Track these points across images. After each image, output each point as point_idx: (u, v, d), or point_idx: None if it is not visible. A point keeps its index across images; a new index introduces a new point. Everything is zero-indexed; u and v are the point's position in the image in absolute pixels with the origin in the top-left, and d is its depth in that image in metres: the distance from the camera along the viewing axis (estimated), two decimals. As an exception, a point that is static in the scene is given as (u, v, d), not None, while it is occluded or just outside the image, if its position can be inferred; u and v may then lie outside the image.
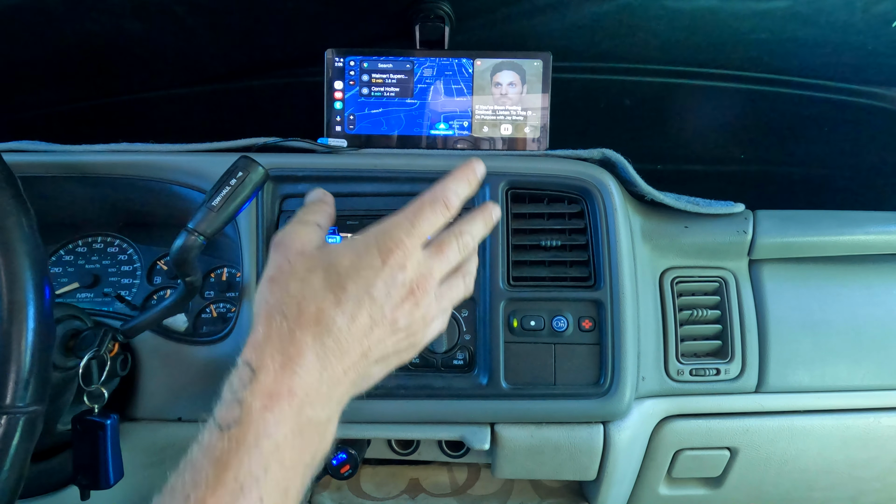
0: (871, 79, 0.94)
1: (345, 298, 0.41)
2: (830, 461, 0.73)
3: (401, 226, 0.44)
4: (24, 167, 0.67)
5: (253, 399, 0.37)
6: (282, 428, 0.37)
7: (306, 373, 0.39)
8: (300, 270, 0.42)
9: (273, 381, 0.38)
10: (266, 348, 0.39)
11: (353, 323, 0.41)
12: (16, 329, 0.43)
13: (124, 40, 0.83)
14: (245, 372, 0.39)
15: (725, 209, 0.71)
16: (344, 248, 0.43)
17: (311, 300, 0.40)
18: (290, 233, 0.45)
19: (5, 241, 0.44)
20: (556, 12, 0.81)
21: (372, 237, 0.43)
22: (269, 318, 0.40)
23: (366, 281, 0.41)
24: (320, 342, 0.40)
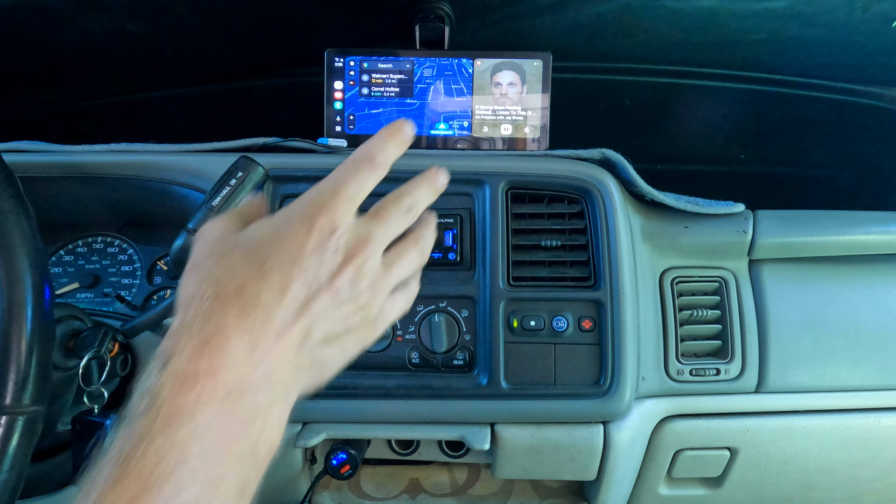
0: (872, 79, 0.94)
1: (269, 269, 0.36)
2: (830, 461, 0.73)
3: (323, 190, 0.40)
4: (25, 167, 0.67)
5: (163, 386, 0.33)
6: (202, 413, 0.32)
7: (230, 353, 0.34)
8: (218, 253, 0.38)
9: (187, 364, 0.33)
10: (181, 334, 0.35)
11: (283, 295, 0.36)
12: (16, 329, 0.43)
13: (124, 40, 0.83)
14: (156, 362, 0.34)
15: (725, 209, 0.71)
16: (264, 222, 0.39)
17: (230, 277, 0.36)
18: (207, 225, 0.41)
19: (5, 242, 0.44)
20: (556, 12, 0.81)
21: (293, 206, 0.39)
22: (186, 305, 0.36)
23: (291, 250, 0.37)
24: (245, 318, 0.35)
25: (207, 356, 0.34)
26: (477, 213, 0.66)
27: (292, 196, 0.67)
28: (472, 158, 0.68)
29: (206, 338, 0.34)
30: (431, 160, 0.68)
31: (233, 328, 0.35)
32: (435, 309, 0.65)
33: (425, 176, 0.45)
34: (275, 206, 0.67)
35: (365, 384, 0.65)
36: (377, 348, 0.65)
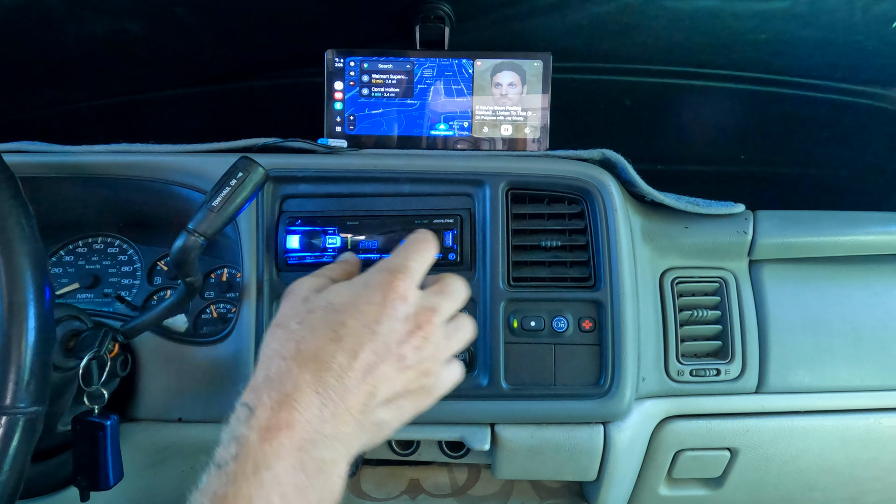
0: (872, 79, 0.94)
1: (344, 334, 0.40)
2: (831, 461, 0.73)
3: (396, 263, 0.44)
4: (25, 167, 0.67)
5: (250, 433, 0.37)
6: (282, 462, 0.36)
7: (305, 408, 0.38)
8: (301, 312, 0.42)
9: (270, 416, 0.37)
10: (263, 388, 0.39)
11: (355, 359, 0.40)
12: (16, 330, 0.43)
13: (124, 40, 0.83)
14: (242, 412, 0.39)
15: (726, 209, 0.71)
16: (343, 286, 0.44)
17: (309, 339, 0.40)
18: (298, 282, 0.45)
19: (6, 242, 0.44)
20: (556, 13, 0.81)
21: (370, 274, 0.44)
22: (269, 361, 0.40)
23: (366, 316, 0.41)
24: (319, 379, 0.39)
25: (287, 410, 0.38)
26: (477, 213, 0.66)
27: (292, 196, 0.67)
28: (472, 159, 0.68)
29: (285, 394, 0.38)
30: (431, 160, 0.68)
31: (308, 386, 0.39)
32: (435, 309, 0.65)
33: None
34: (275, 207, 0.67)
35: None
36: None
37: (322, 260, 0.65)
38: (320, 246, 0.65)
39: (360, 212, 0.67)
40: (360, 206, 0.67)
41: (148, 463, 0.67)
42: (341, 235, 0.66)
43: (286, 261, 0.66)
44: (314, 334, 0.41)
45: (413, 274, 0.44)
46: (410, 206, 0.67)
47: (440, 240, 0.65)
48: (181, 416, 0.65)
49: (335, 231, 0.66)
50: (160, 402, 0.65)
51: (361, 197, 0.67)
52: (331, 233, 0.66)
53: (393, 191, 0.67)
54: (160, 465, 0.67)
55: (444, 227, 0.66)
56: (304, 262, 0.66)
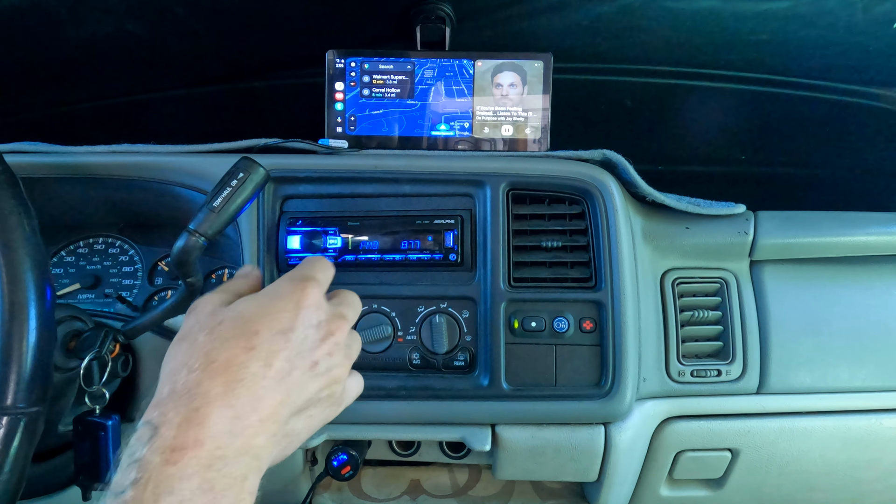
0: (872, 79, 0.94)
1: (257, 343, 0.39)
2: (832, 462, 0.73)
3: (304, 273, 0.44)
4: (26, 168, 0.67)
5: (152, 456, 0.34)
6: (187, 483, 0.33)
7: (215, 423, 0.35)
8: (209, 324, 0.40)
9: (176, 434, 0.34)
10: (169, 404, 0.36)
11: (269, 368, 0.38)
12: (17, 330, 0.43)
13: (125, 41, 0.83)
14: (145, 431, 0.35)
15: (726, 210, 0.71)
16: (251, 298, 0.42)
17: (220, 349, 0.38)
18: (201, 299, 0.44)
19: (7, 242, 0.44)
20: (556, 13, 0.81)
21: (278, 285, 0.43)
22: (174, 374, 0.38)
23: (279, 323, 0.40)
24: (231, 390, 0.36)
25: (195, 427, 0.35)
26: (478, 213, 0.66)
27: (293, 197, 0.67)
28: (472, 159, 0.68)
29: (194, 409, 0.35)
30: (432, 161, 0.68)
31: (219, 399, 0.36)
32: (436, 310, 0.65)
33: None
34: (276, 207, 0.67)
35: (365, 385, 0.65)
36: (378, 349, 0.65)
37: (323, 260, 0.65)
38: (321, 246, 0.65)
39: (361, 212, 0.67)
40: (361, 207, 0.67)
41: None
42: (342, 236, 0.66)
43: (287, 261, 0.66)
44: (225, 344, 0.38)
45: (321, 284, 0.44)
46: (411, 207, 0.67)
47: (441, 240, 0.65)
48: (182, 417, 0.65)
49: (336, 231, 0.66)
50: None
51: (362, 197, 0.67)
52: (331, 233, 0.66)
53: (394, 191, 0.67)
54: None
55: (444, 227, 0.66)
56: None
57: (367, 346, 0.65)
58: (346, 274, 0.66)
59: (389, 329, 0.64)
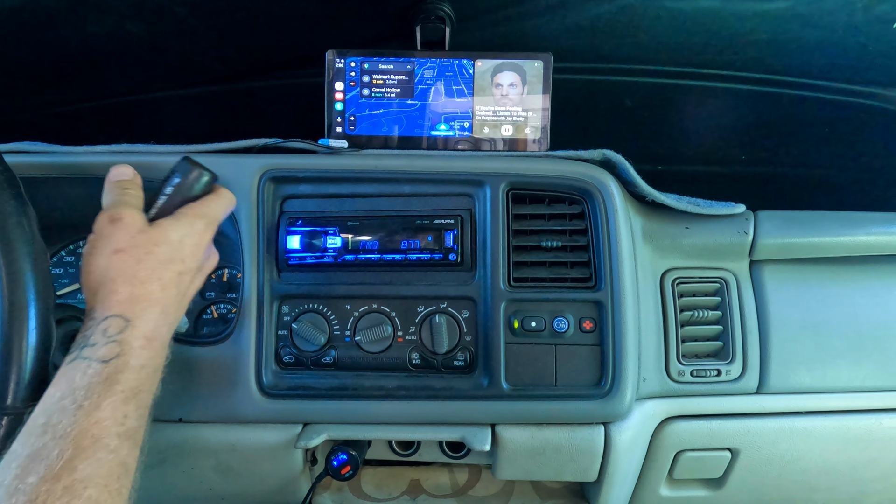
0: (872, 79, 0.94)
1: (185, 269, 0.52)
2: (832, 462, 0.73)
3: (214, 209, 0.57)
4: (25, 168, 0.67)
5: (133, 340, 0.46)
6: (151, 363, 0.48)
7: (165, 323, 0.50)
8: (147, 245, 0.50)
9: (148, 328, 0.48)
10: (135, 305, 0.48)
11: (192, 286, 0.55)
12: (16, 330, 0.43)
13: (125, 41, 0.83)
14: (117, 321, 0.47)
15: (726, 210, 0.71)
16: (176, 226, 0.53)
17: (162, 270, 0.50)
18: (125, 213, 0.51)
19: (7, 242, 0.44)
20: (556, 13, 0.81)
21: (195, 217, 0.55)
22: (129, 284, 0.48)
23: (197, 255, 0.54)
24: (173, 300, 0.51)
25: (155, 326, 0.50)
26: (478, 213, 0.66)
27: (293, 197, 0.67)
28: (472, 159, 0.68)
29: (152, 310, 0.51)
30: (432, 161, 0.68)
31: (158, 305, 0.52)
32: (436, 310, 0.65)
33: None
34: (276, 207, 0.67)
35: (366, 385, 0.65)
36: (378, 349, 0.65)
37: (323, 260, 0.65)
38: (321, 246, 0.65)
39: (361, 212, 0.67)
40: (361, 207, 0.67)
41: (149, 463, 0.66)
42: (342, 236, 0.66)
43: (287, 261, 0.66)
44: (165, 267, 0.51)
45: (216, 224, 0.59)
46: (411, 207, 0.67)
47: (441, 240, 0.65)
48: (182, 417, 0.65)
49: (336, 231, 0.66)
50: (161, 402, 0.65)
51: (362, 197, 0.67)
52: (331, 233, 0.66)
53: (393, 191, 0.67)
54: (161, 465, 0.67)
55: (444, 227, 0.66)
56: (304, 263, 0.66)
57: (366, 346, 0.65)
58: (345, 274, 0.66)
59: (389, 329, 0.64)
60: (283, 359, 0.66)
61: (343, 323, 0.65)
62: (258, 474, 0.69)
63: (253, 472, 0.68)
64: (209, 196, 0.57)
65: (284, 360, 0.66)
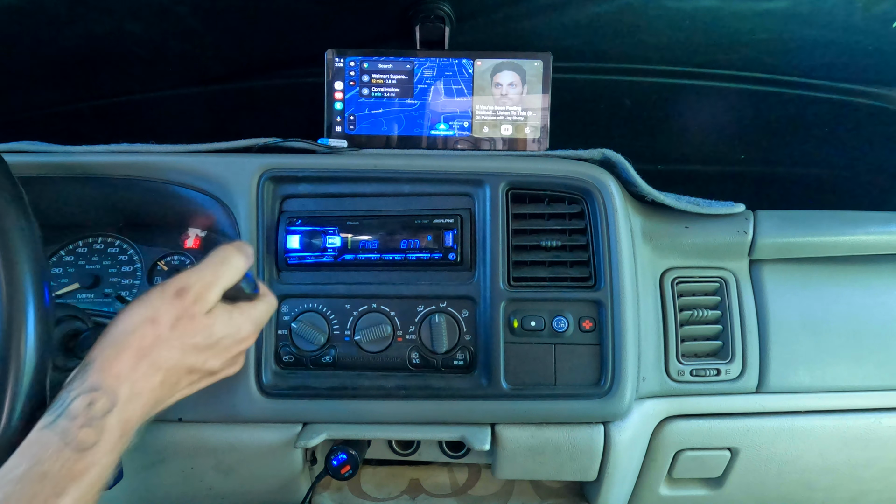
0: (872, 79, 0.94)
1: (204, 373, 0.50)
2: (831, 462, 0.73)
3: (263, 318, 0.54)
4: (25, 168, 0.67)
5: (112, 426, 0.42)
6: (119, 450, 0.44)
7: (144, 415, 0.46)
8: (185, 334, 0.47)
9: (129, 419, 0.44)
10: (130, 384, 0.44)
11: (193, 386, 0.51)
12: (14, 342, 0.43)
13: (125, 41, 0.83)
14: (105, 400, 0.43)
15: (726, 209, 0.71)
16: (224, 328, 0.50)
17: (179, 367, 0.47)
18: (195, 289, 0.48)
19: (6, 247, 0.44)
20: (556, 13, 0.81)
21: (246, 321, 0.52)
22: (140, 359, 0.45)
23: (222, 361, 0.51)
24: (163, 394, 0.47)
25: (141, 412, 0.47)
26: (477, 213, 0.66)
27: (292, 196, 0.67)
28: (472, 159, 0.68)
29: (147, 396, 0.48)
30: (432, 160, 0.68)
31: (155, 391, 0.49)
32: (435, 309, 0.65)
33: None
34: (275, 207, 0.67)
35: (365, 384, 0.65)
36: (377, 349, 0.65)
37: (323, 260, 0.65)
38: (320, 246, 0.65)
39: (361, 212, 0.67)
40: (361, 206, 0.67)
41: (148, 463, 0.67)
42: (341, 235, 0.66)
43: (286, 261, 0.66)
44: (184, 361, 0.48)
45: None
46: (410, 206, 0.67)
47: (440, 240, 0.65)
48: (181, 416, 0.65)
49: (335, 231, 0.66)
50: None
51: (361, 197, 0.67)
52: (331, 233, 0.66)
53: (393, 191, 0.67)
54: (160, 465, 0.67)
55: (444, 226, 0.66)
56: (304, 262, 0.66)
57: (366, 346, 0.65)
58: (345, 273, 0.66)
59: (389, 329, 0.64)
60: (283, 358, 0.66)
61: (343, 322, 0.65)
62: (258, 474, 0.69)
63: (253, 472, 0.68)
64: (264, 300, 0.53)
65: (284, 359, 0.66)
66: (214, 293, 0.49)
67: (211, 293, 0.48)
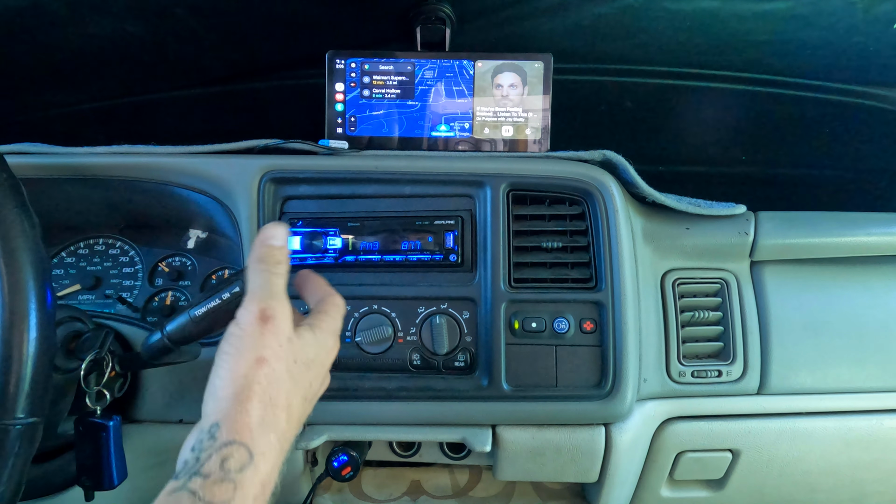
0: (873, 80, 0.94)
1: (311, 394, 0.46)
2: (833, 463, 0.73)
3: (334, 326, 0.49)
4: (26, 169, 0.67)
5: (251, 486, 0.38)
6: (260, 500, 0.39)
7: (279, 463, 0.42)
8: (288, 359, 0.43)
9: (269, 471, 0.40)
10: (262, 436, 0.40)
11: (304, 415, 0.46)
12: (16, 340, 0.43)
13: (126, 42, 0.83)
14: (241, 453, 0.38)
15: (727, 210, 0.71)
16: (314, 339, 0.46)
17: (293, 393, 0.43)
18: (277, 308, 0.43)
19: (9, 251, 0.44)
20: (557, 14, 0.81)
21: (331, 334, 0.48)
22: (265, 405, 0.41)
23: (320, 379, 0.48)
24: (290, 434, 0.43)
25: (275, 466, 0.43)
26: (478, 214, 0.66)
27: (293, 198, 0.67)
28: (473, 160, 0.68)
29: (280, 451, 0.43)
30: (432, 161, 0.68)
31: (286, 441, 0.44)
32: (436, 310, 0.65)
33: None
34: (276, 208, 0.67)
35: (366, 386, 0.65)
36: (378, 350, 0.65)
37: (323, 261, 0.65)
38: (321, 247, 0.65)
39: (361, 213, 0.67)
40: (361, 208, 0.67)
41: (150, 464, 0.67)
42: (342, 236, 0.66)
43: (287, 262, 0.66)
44: (296, 388, 0.43)
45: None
46: (411, 208, 0.67)
47: (441, 241, 0.65)
48: (183, 418, 0.65)
49: (336, 232, 0.66)
50: (162, 403, 0.65)
51: (362, 198, 0.67)
52: (332, 234, 0.66)
53: (394, 192, 0.67)
54: (162, 466, 0.67)
55: (444, 228, 0.66)
56: (305, 263, 0.66)
57: (367, 347, 0.65)
58: (346, 275, 0.66)
59: (390, 330, 0.64)
60: (284, 360, 0.66)
61: (343, 324, 0.65)
62: (259, 475, 0.69)
63: (253, 473, 0.68)
64: (333, 309, 0.49)
65: (285, 360, 0.66)
66: (288, 306, 0.45)
67: (287, 308, 0.44)
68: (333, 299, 0.50)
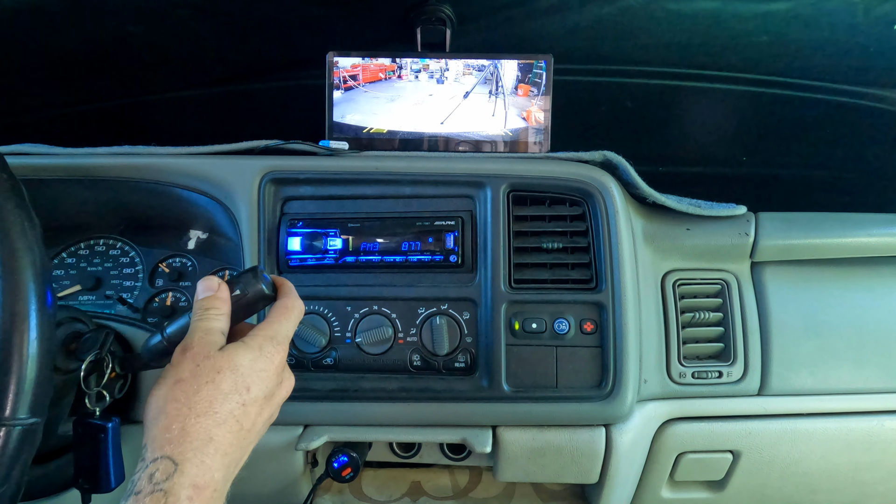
0: (873, 81, 0.94)
1: (249, 399, 0.47)
2: (834, 464, 0.73)
3: (282, 334, 0.50)
4: (27, 170, 0.67)
5: (181, 489, 0.41)
6: None
7: (218, 468, 0.44)
8: (208, 374, 0.46)
9: (198, 474, 0.42)
10: (185, 444, 0.43)
11: (258, 418, 0.48)
12: (17, 341, 0.43)
13: (127, 43, 0.83)
14: (166, 465, 0.41)
15: (727, 211, 0.71)
16: (244, 348, 0.48)
17: (222, 402, 0.45)
18: (196, 340, 0.47)
19: (9, 252, 0.44)
20: (557, 15, 0.81)
21: (262, 340, 0.49)
22: (184, 417, 0.44)
23: (265, 385, 0.48)
24: (229, 441, 0.45)
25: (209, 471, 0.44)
26: (478, 215, 0.66)
27: (294, 198, 0.67)
28: (473, 161, 0.68)
29: (207, 454, 0.45)
30: (433, 162, 0.68)
31: (225, 446, 0.46)
32: (436, 311, 0.65)
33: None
34: (277, 208, 0.67)
35: (366, 387, 0.65)
36: (378, 351, 0.65)
37: (324, 262, 0.65)
38: (322, 248, 0.65)
39: (362, 214, 0.67)
40: (362, 208, 0.67)
41: (149, 465, 0.66)
42: (342, 237, 0.66)
43: (287, 262, 0.66)
44: (226, 398, 0.45)
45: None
46: (412, 208, 0.67)
47: (441, 242, 0.65)
48: (182, 419, 0.65)
49: (336, 233, 0.66)
50: (161, 404, 0.65)
51: (363, 199, 0.67)
52: (332, 234, 0.66)
53: (394, 192, 0.67)
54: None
55: (445, 228, 0.66)
56: (305, 264, 0.66)
57: (367, 348, 0.65)
58: (346, 275, 0.66)
59: (390, 331, 0.64)
60: (284, 360, 0.66)
61: (344, 324, 0.65)
62: (259, 476, 0.69)
63: (254, 474, 0.68)
64: (277, 313, 0.52)
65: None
66: (216, 337, 0.48)
67: (213, 337, 0.48)
68: (284, 302, 0.53)
